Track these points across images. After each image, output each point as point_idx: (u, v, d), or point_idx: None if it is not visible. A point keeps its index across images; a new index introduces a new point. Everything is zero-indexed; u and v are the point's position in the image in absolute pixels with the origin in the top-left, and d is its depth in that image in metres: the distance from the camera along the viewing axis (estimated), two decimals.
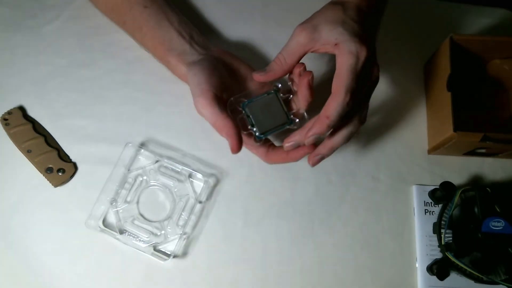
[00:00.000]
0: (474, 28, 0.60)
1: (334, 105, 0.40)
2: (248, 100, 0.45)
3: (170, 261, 0.50)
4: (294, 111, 0.47)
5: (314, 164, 0.45)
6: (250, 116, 0.45)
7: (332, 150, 0.44)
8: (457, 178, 0.53)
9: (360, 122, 0.44)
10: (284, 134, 0.46)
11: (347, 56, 0.40)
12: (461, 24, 0.61)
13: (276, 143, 0.50)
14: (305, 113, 0.46)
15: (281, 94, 0.46)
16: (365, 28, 0.42)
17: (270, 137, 0.50)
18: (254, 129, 0.45)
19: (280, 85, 0.46)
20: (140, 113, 0.55)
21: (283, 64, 0.44)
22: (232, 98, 0.45)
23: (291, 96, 0.47)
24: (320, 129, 0.41)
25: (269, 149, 0.48)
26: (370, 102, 0.45)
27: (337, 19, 0.42)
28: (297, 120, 0.46)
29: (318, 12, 0.45)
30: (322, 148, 0.44)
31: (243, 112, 0.45)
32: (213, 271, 0.50)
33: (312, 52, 0.44)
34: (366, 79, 0.42)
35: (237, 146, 0.42)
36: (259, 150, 0.49)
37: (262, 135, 0.45)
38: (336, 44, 0.41)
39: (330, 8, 0.44)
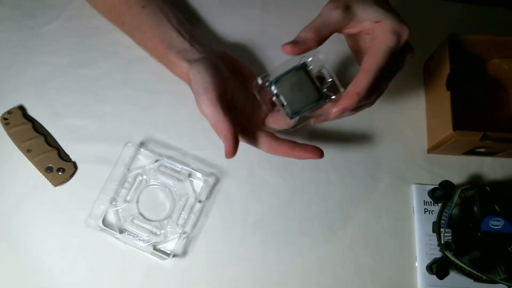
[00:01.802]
0: (473, 27, 0.60)
1: (365, 83, 0.38)
2: (275, 78, 0.41)
3: (170, 260, 0.50)
4: (327, 85, 0.43)
5: (316, 122, 0.45)
6: (280, 96, 0.41)
7: (338, 118, 0.43)
8: (457, 177, 0.53)
9: (372, 102, 0.43)
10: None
11: (389, 35, 0.39)
12: (461, 23, 0.61)
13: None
14: (340, 86, 0.42)
15: (311, 68, 0.42)
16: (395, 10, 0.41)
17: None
18: (286, 110, 0.42)
19: (310, 59, 0.42)
20: (140, 113, 0.55)
21: (316, 34, 0.39)
22: (258, 78, 0.42)
23: (324, 69, 0.43)
24: (349, 105, 0.39)
25: (272, 140, 0.47)
26: None
27: None
28: (333, 96, 0.42)
29: None
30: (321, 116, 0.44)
31: (271, 91, 0.42)
32: (213, 270, 0.50)
33: (341, 31, 0.41)
34: (400, 62, 0.41)
35: (232, 151, 0.42)
36: (261, 143, 0.47)
37: (295, 115, 0.42)
38: (376, 22, 0.39)
39: None
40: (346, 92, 0.40)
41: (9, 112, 0.54)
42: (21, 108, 0.54)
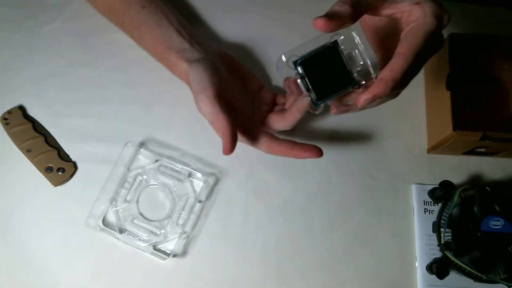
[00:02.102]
0: (473, 27, 0.60)
1: (402, 69, 0.35)
2: (301, 57, 0.37)
3: (170, 260, 0.50)
4: (358, 69, 0.39)
5: (337, 113, 0.39)
6: (306, 78, 0.37)
7: (361, 110, 0.39)
8: (457, 177, 0.53)
9: (398, 94, 0.40)
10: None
11: (431, 18, 0.36)
12: (461, 23, 0.61)
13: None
14: (372, 71, 0.38)
15: (342, 47, 0.37)
16: None
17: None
18: (311, 94, 0.37)
19: (342, 38, 0.37)
20: (140, 113, 0.55)
21: (354, 9, 0.35)
22: (282, 56, 0.37)
23: (356, 51, 0.39)
24: (382, 92, 0.35)
25: (272, 140, 0.46)
26: None
27: None
28: (363, 82, 0.38)
29: None
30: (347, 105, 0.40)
31: (297, 71, 0.37)
32: (213, 270, 0.50)
33: (378, 10, 0.38)
34: (437, 47, 0.38)
35: (230, 148, 0.42)
36: (260, 143, 0.47)
37: (320, 101, 0.38)
38: (417, 4, 0.37)
39: None
40: (379, 78, 0.36)
41: (9, 112, 0.54)
42: (21, 108, 0.54)
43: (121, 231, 0.50)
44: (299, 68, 0.37)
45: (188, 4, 0.60)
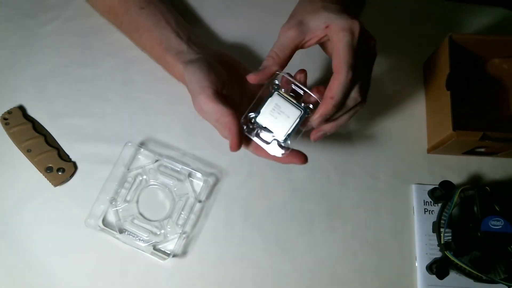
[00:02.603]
0: (473, 27, 0.60)
1: (337, 84, 0.39)
2: (255, 112, 0.44)
3: (170, 260, 0.50)
4: (303, 97, 0.44)
5: (315, 139, 0.44)
6: (266, 127, 0.43)
7: (336, 128, 0.44)
8: (457, 177, 0.53)
9: (363, 100, 0.43)
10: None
11: (341, 33, 0.40)
12: (461, 23, 0.61)
13: None
14: (314, 95, 0.44)
15: (283, 90, 0.44)
16: (347, 7, 0.43)
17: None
18: (275, 137, 0.43)
19: (277, 82, 0.44)
20: (140, 113, 0.55)
21: (276, 58, 0.42)
22: (242, 119, 0.44)
23: (293, 85, 0.44)
24: (326, 110, 0.40)
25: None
26: (369, 101, 0.45)
27: (317, 7, 0.42)
28: (311, 105, 0.43)
29: (296, 9, 0.45)
30: (326, 125, 0.44)
31: (257, 126, 0.44)
32: (213, 270, 0.50)
33: (303, 46, 0.43)
34: (365, 53, 0.42)
35: (237, 144, 0.42)
36: (250, 144, 0.46)
37: (285, 139, 0.43)
38: (326, 27, 0.41)
39: (306, 1, 0.45)
40: (323, 98, 0.41)
41: (9, 112, 0.54)
42: (21, 108, 0.54)
43: (121, 231, 0.50)
44: (258, 122, 0.43)
45: (188, 4, 0.60)
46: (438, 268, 0.48)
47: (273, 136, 0.43)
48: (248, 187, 0.53)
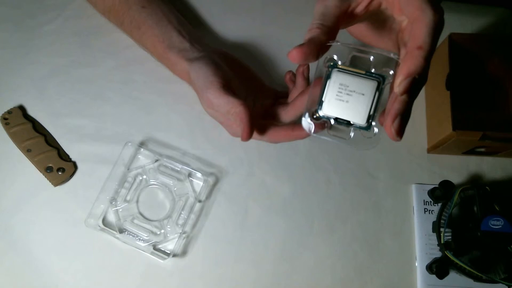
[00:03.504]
0: (473, 27, 0.60)
1: (424, 28, 0.30)
2: (318, 105, 0.34)
3: (170, 260, 0.50)
4: (372, 64, 0.34)
5: (397, 130, 0.32)
6: (338, 118, 0.34)
7: (407, 104, 0.32)
8: (457, 177, 0.53)
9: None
10: None
11: None
12: (460, 23, 0.61)
13: None
14: (390, 54, 0.34)
15: (339, 62, 0.34)
16: None
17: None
18: (356, 125, 0.34)
19: (335, 58, 0.34)
20: (140, 113, 0.55)
21: (323, 28, 0.32)
22: (305, 116, 0.35)
23: (355, 52, 0.34)
24: (415, 66, 0.30)
25: (272, 128, 0.45)
26: None
27: None
28: (391, 71, 0.33)
29: None
30: (394, 104, 0.32)
31: (326, 119, 0.35)
32: (213, 270, 0.50)
33: (351, 14, 0.34)
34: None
35: (249, 133, 0.41)
36: (263, 133, 0.45)
37: (369, 122, 0.34)
38: None
39: None
40: (406, 52, 0.31)
41: (9, 112, 0.54)
42: (21, 108, 0.54)
43: (121, 231, 0.50)
44: (322, 114, 0.34)
45: (188, 4, 0.60)
46: (438, 268, 0.48)
47: (352, 125, 0.34)
48: (248, 187, 0.53)
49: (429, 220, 0.51)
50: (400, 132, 0.32)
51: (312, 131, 0.35)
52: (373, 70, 0.33)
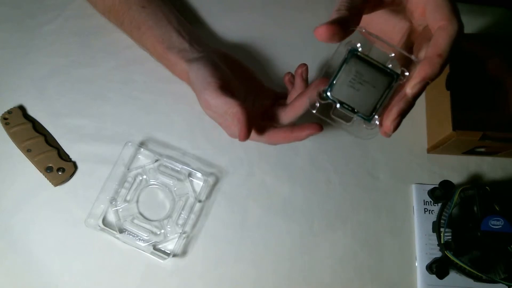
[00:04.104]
0: (473, 27, 0.60)
1: (446, 38, 0.31)
2: (328, 86, 0.33)
3: (170, 260, 0.50)
4: (391, 60, 0.34)
5: (395, 128, 0.33)
6: (344, 102, 0.33)
7: (410, 105, 0.32)
8: (457, 177, 0.53)
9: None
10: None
11: None
12: None
13: None
14: (411, 55, 0.34)
15: (360, 49, 0.33)
16: None
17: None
18: (359, 114, 0.34)
19: (358, 44, 0.33)
20: (140, 113, 0.55)
21: (352, 11, 0.32)
22: (308, 96, 0.35)
23: (377, 45, 0.34)
24: (431, 72, 0.31)
25: (271, 130, 0.45)
26: None
27: None
28: (406, 72, 0.33)
29: None
30: (399, 102, 0.32)
31: (332, 102, 0.34)
32: (213, 270, 0.50)
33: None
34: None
35: (246, 133, 0.41)
36: (262, 134, 0.45)
37: (373, 114, 0.33)
38: None
39: None
40: (425, 57, 0.31)
41: (9, 112, 0.54)
42: (21, 108, 0.54)
43: (121, 231, 0.50)
44: (330, 96, 0.34)
45: (188, 4, 0.60)
46: (438, 268, 0.48)
47: (356, 113, 0.34)
48: (248, 187, 0.53)
49: (429, 220, 0.51)
50: (396, 128, 0.33)
51: (316, 109, 0.35)
52: (390, 66, 0.33)
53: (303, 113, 0.44)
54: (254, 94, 0.50)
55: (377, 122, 0.34)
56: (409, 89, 0.32)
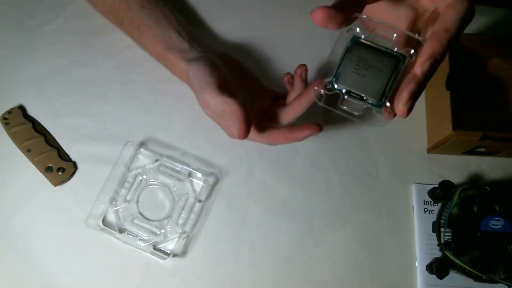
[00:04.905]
0: (473, 27, 0.60)
1: (454, 13, 0.30)
2: (333, 76, 0.33)
3: (170, 260, 0.50)
4: (395, 45, 0.33)
5: (408, 111, 0.31)
6: (352, 91, 0.33)
7: (422, 86, 0.31)
8: (457, 177, 0.53)
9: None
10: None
11: None
12: None
13: None
14: (414, 35, 0.33)
15: (362, 36, 0.33)
16: None
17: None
18: (368, 101, 0.33)
19: (358, 29, 0.33)
20: (140, 113, 0.55)
21: None
22: (315, 87, 0.34)
23: (380, 29, 0.34)
24: (439, 47, 0.30)
25: (270, 130, 0.45)
26: None
27: None
28: (412, 51, 0.32)
29: None
30: (410, 84, 0.31)
31: (338, 92, 0.33)
32: (213, 270, 0.50)
33: None
34: None
35: (245, 131, 0.41)
36: (261, 135, 0.46)
37: (383, 100, 0.32)
38: None
39: None
40: (432, 33, 0.31)
41: (9, 112, 0.54)
42: (21, 108, 0.54)
43: (121, 231, 0.50)
44: (336, 86, 0.33)
45: (188, 4, 0.60)
46: (438, 268, 0.48)
47: (365, 100, 0.32)
48: (248, 187, 0.53)
49: (429, 220, 0.51)
50: (410, 111, 0.31)
51: (322, 101, 0.34)
52: (395, 49, 0.33)
53: (303, 113, 0.44)
54: (253, 94, 0.50)
55: (388, 104, 0.32)
56: (419, 67, 0.30)
